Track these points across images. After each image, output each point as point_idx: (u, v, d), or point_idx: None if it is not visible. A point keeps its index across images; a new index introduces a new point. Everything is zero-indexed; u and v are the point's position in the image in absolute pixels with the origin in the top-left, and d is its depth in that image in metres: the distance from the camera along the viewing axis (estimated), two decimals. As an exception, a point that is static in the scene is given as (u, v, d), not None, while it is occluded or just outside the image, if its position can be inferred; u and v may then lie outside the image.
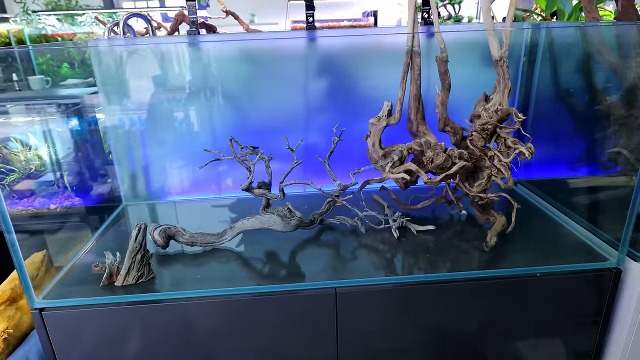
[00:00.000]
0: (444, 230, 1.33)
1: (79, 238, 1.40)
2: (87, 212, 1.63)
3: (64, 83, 3.29)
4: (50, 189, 1.99)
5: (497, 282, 1.10)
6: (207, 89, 1.51)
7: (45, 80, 3.14)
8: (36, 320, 1.03)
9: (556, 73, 1.50)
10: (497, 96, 1.31)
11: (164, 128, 1.53)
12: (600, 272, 1.12)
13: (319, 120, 1.58)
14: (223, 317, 1.07)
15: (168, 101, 1.51)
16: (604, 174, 1.43)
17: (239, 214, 1.46)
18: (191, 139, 1.55)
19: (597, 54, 1.37)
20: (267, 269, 1.16)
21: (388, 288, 1.08)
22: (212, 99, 1.51)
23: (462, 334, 1.15)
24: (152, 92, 1.49)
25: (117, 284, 1.08)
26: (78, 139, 1.71)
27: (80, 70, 3.41)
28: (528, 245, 1.23)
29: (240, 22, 1.88)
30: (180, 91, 1.51)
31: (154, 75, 1.48)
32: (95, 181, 1.64)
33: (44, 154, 2.03)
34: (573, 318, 1.16)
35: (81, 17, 4.28)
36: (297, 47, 1.51)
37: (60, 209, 1.83)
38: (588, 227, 1.30)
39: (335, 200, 1.30)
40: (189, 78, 1.49)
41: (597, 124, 1.42)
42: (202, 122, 1.55)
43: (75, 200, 1.76)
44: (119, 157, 1.54)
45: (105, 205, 1.56)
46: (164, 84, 1.49)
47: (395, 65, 1.35)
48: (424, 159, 1.33)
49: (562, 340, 1.19)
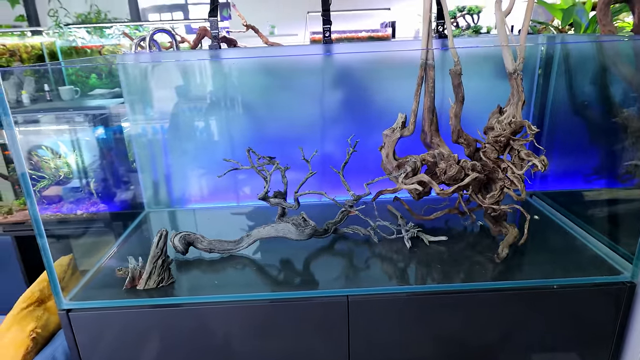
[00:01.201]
0: (457, 241, 1.34)
1: (103, 243, 1.47)
2: (112, 218, 1.70)
3: (92, 93, 3.43)
4: (77, 195, 2.08)
5: (507, 294, 1.10)
6: (227, 100, 1.56)
7: (74, 91, 3.28)
8: (63, 320, 1.09)
9: (572, 85, 1.50)
10: (510, 108, 1.32)
11: (186, 137, 1.59)
12: (614, 286, 1.11)
13: (334, 131, 1.61)
14: (238, 323, 1.11)
15: (190, 111, 1.57)
16: (620, 186, 1.42)
17: (256, 222, 1.50)
18: (211, 148, 1.60)
19: (612, 66, 1.37)
20: (281, 276, 1.20)
21: (400, 297, 1.10)
22: (231, 110, 1.57)
23: (474, 346, 1.16)
24: (175, 103, 1.56)
25: (139, 288, 1.14)
26: (104, 147, 1.79)
27: (107, 80, 3.55)
28: (541, 258, 1.23)
29: (260, 35, 1.94)
30: (201, 102, 1.57)
31: (176, 86, 1.55)
32: (119, 188, 1.71)
33: (72, 162, 2.13)
34: (587, 331, 1.15)
35: (109, 29, 4.45)
36: (314, 60, 1.55)
37: (86, 214, 1.92)
38: (603, 240, 1.29)
39: (349, 210, 1.33)
40: (209, 89, 1.55)
41: (613, 136, 1.42)
42: (222, 132, 1.61)
43: (100, 207, 1.84)
44: (142, 165, 1.61)
45: (128, 212, 1.63)
46: (186, 95, 1.56)
47: (409, 78, 1.38)
48: (438, 170, 1.35)
49: (577, 353, 1.18)
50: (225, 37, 1.65)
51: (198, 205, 1.67)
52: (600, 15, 1.29)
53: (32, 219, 1.02)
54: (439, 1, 1.51)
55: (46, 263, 1.08)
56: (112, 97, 2.41)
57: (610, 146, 1.44)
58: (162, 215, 1.64)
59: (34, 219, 1.03)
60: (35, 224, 1.03)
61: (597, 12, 1.29)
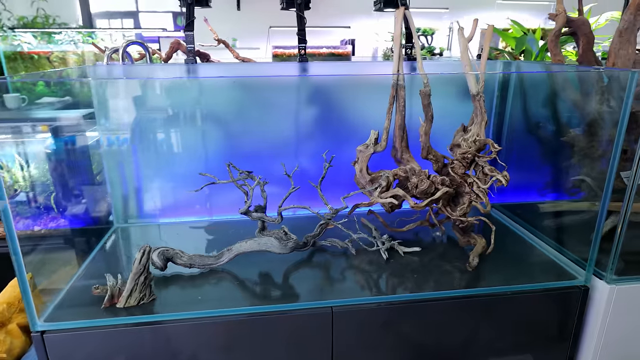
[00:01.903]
0: (428, 251, 1.42)
1: (71, 260, 1.41)
2: (79, 234, 1.63)
3: (40, 101, 3.25)
4: (31, 210, 1.97)
5: (481, 300, 1.19)
6: (199, 114, 1.57)
7: (21, 99, 3.10)
8: (37, 343, 1.04)
9: (526, 107, 1.64)
10: (475, 128, 1.43)
11: (156, 151, 1.57)
12: (570, 290, 1.23)
13: (306, 146, 1.66)
14: (225, 337, 1.11)
15: (160, 125, 1.55)
16: (569, 199, 1.57)
17: (230, 236, 1.50)
18: (183, 162, 1.59)
19: (561, 91, 1.53)
20: (265, 290, 1.21)
21: (382, 306, 1.15)
22: (203, 124, 1.57)
23: (449, 349, 1.23)
24: (145, 116, 1.54)
25: (119, 306, 1.11)
26: (65, 160, 1.72)
27: (56, 88, 3.38)
28: (504, 266, 1.33)
29: (230, 50, 1.96)
30: (173, 115, 1.56)
31: (147, 99, 1.53)
32: (85, 202, 1.65)
33: (27, 175, 2.02)
34: (547, 332, 1.26)
35: (58, 35, 4.25)
36: (289, 77, 1.59)
37: (45, 231, 1.82)
38: (556, 248, 1.42)
39: (328, 223, 1.38)
40: (181, 103, 1.55)
41: (562, 153, 1.57)
42: (193, 146, 1.60)
43: (61, 222, 1.76)
44: (112, 179, 1.57)
45: (96, 227, 1.57)
46: (157, 108, 1.54)
47: (377, 95, 1.45)
48: (409, 185, 1.42)
49: (538, 353, 1.29)
50: (199, 51, 1.65)
51: (169, 220, 1.65)
52: (551, 47, 1.44)
53: (7, 236, 0.98)
54: (407, 26, 1.61)
55: (20, 282, 1.03)
56: (62, 106, 2.31)
57: (560, 162, 1.59)
58: (132, 230, 1.60)
59: (9, 236, 0.98)
60: (10, 240, 0.98)
61: (548, 43, 1.44)
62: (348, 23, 4.29)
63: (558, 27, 1.41)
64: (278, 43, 3.97)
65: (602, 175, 1.45)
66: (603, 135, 1.42)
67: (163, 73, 1.59)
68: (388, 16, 4.71)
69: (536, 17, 4.41)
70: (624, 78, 1.14)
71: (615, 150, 1.16)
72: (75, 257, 1.37)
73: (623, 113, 1.12)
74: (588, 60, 1.48)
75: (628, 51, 1.45)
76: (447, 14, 4.61)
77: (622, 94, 1.22)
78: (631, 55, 1.46)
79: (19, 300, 1.46)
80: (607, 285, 1.22)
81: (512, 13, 4.65)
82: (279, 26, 3.85)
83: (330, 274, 1.29)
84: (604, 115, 1.40)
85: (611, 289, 1.22)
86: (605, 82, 1.37)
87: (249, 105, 1.58)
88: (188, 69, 1.51)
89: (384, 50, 3.83)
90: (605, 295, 1.22)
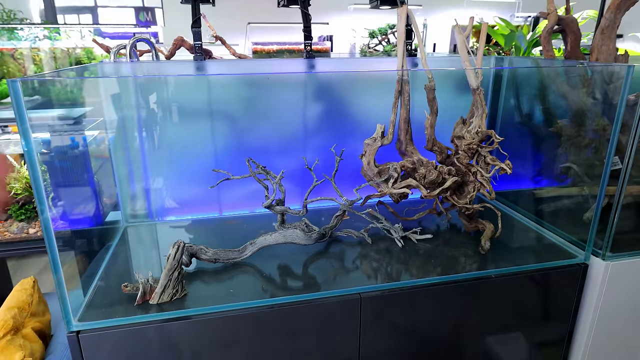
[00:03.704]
0: (438, 238, 1.49)
1: (84, 261, 1.38)
2: (89, 235, 1.60)
3: (4, 101, 3.09)
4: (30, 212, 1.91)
5: (496, 280, 1.28)
6: (206, 111, 1.57)
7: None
8: (72, 344, 1.03)
9: (518, 99, 1.75)
10: (476, 120, 1.51)
11: (164, 148, 1.56)
12: (572, 267, 1.34)
13: (313, 141, 1.69)
14: (260, 327, 1.14)
15: (168, 122, 1.54)
16: (560, 185, 1.69)
17: (245, 231, 1.53)
18: (192, 159, 1.59)
19: (551, 84, 1.64)
20: (291, 280, 1.25)
21: (404, 291, 1.22)
22: (211, 121, 1.58)
23: (469, 326, 1.31)
24: (154, 114, 1.53)
25: (152, 302, 1.11)
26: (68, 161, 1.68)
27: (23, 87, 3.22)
28: (511, 249, 1.43)
29: (227, 47, 1.96)
30: (181, 112, 1.55)
31: (156, 97, 1.52)
32: (91, 203, 1.61)
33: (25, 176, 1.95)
34: (553, 307, 1.37)
35: (21, 31, 4.04)
36: (296, 75, 1.62)
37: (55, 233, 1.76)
38: (553, 230, 1.53)
39: (344, 214, 1.42)
40: (189, 99, 1.55)
41: (551, 142, 1.69)
42: (200, 143, 1.60)
43: (59, 224, 1.71)
44: (120, 178, 1.55)
45: (105, 227, 1.54)
46: (166, 105, 1.53)
47: (379, 91, 1.51)
48: (417, 176, 1.49)
49: (545, 327, 1.40)
50: (203, 48, 1.65)
51: (177, 218, 1.64)
52: (544, 43, 1.54)
53: (44, 232, 0.97)
54: (409, 23, 1.67)
55: (56, 282, 1.01)
56: (32, 105, 2.23)
57: (549, 151, 1.71)
58: (142, 229, 1.58)
59: (46, 232, 0.97)
60: (47, 241, 0.97)
61: (541, 40, 1.54)
62: (325, 19, 4.34)
63: (551, 24, 1.52)
64: (256, 39, 3.95)
65: (589, 162, 1.58)
66: (590, 125, 1.54)
67: (171, 70, 1.58)
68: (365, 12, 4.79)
69: (502, 15, 4.61)
70: (617, 73, 1.25)
71: (613, 138, 1.26)
72: (90, 258, 1.35)
73: (620, 104, 1.23)
74: (576, 56, 1.59)
75: (609, 47, 1.58)
76: (421, 11, 4.76)
77: (614, 87, 1.34)
78: (612, 51, 1.59)
79: (28, 304, 1.42)
80: (603, 262, 1.34)
81: (480, 10, 4.85)
82: (257, 22, 3.84)
83: (352, 262, 1.34)
84: (591, 106, 1.52)
85: (606, 265, 1.33)
86: (590, 75, 1.49)
87: (256, 102, 1.60)
88: (196, 65, 1.51)
89: (361, 47, 3.90)
90: (601, 271, 1.34)
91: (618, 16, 1.55)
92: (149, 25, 6.54)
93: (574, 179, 1.65)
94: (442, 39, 4.57)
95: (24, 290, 1.48)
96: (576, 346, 1.45)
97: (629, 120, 1.33)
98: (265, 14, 3.94)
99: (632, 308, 1.43)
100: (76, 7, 6.48)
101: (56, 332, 1.50)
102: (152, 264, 1.37)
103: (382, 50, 3.91)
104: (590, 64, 1.52)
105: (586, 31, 1.95)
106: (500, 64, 1.77)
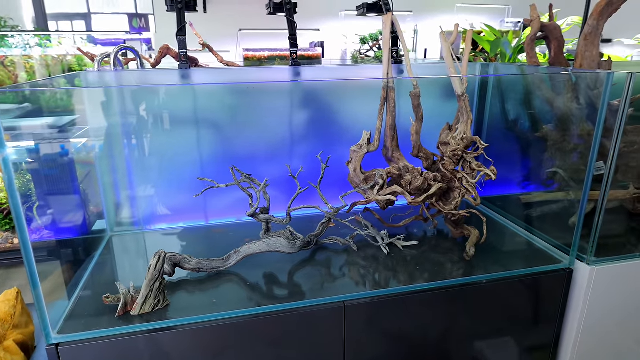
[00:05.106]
0: (423, 244, 1.49)
1: (68, 271, 1.37)
2: (72, 245, 1.58)
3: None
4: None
5: (481, 286, 1.27)
6: (192, 119, 1.56)
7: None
8: (52, 357, 1.02)
9: (504, 105, 1.76)
10: (461, 126, 1.52)
11: (149, 157, 1.55)
12: (557, 272, 1.34)
13: (299, 148, 1.69)
14: (243, 337, 1.13)
15: (153, 131, 1.54)
16: (545, 190, 1.70)
17: (230, 239, 1.52)
18: (176, 167, 1.58)
19: (536, 90, 1.65)
20: (276, 289, 1.24)
21: (389, 298, 1.21)
22: (197, 129, 1.57)
23: (455, 332, 1.31)
24: (138, 122, 1.52)
25: (134, 313, 1.10)
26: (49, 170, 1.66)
27: (12, 95, 3.21)
28: (496, 254, 1.43)
29: (214, 54, 1.96)
30: (166, 121, 1.55)
31: (140, 105, 1.51)
32: (74, 212, 1.60)
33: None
34: (539, 312, 1.37)
35: (12, 38, 4.03)
36: (283, 83, 1.63)
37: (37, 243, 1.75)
38: (537, 235, 1.54)
39: (329, 221, 1.42)
40: (174, 108, 1.54)
41: (537, 148, 1.69)
42: (186, 151, 1.60)
43: (48, 234, 1.70)
44: (105, 186, 1.54)
45: (89, 237, 1.53)
46: (150, 114, 1.53)
47: (365, 98, 1.51)
48: (403, 182, 1.49)
49: (531, 332, 1.39)
50: (188, 55, 1.65)
51: (163, 226, 1.63)
52: (527, 49, 1.56)
53: (21, 246, 0.96)
54: (394, 30, 1.68)
55: (35, 295, 1.00)
56: (21, 113, 2.22)
57: (535, 156, 1.71)
58: (127, 238, 1.57)
59: (24, 246, 0.96)
60: (24, 250, 0.96)
61: (525, 46, 1.55)
62: (316, 25, 4.35)
63: (534, 31, 1.53)
64: (248, 46, 3.96)
65: (574, 167, 1.59)
66: (575, 130, 1.55)
67: (156, 78, 1.58)
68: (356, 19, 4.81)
69: (492, 20, 4.64)
70: (600, 78, 1.26)
71: (595, 143, 1.27)
72: (74, 268, 1.33)
73: (601, 110, 1.23)
74: (560, 62, 1.61)
75: (592, 53, 1.59)
76: (411, 17, 4.79)
77: (597, 92, 1.35)
78: (595, 57, 1.60)
79: (11, 315, 1.40)
80: (588, 266, 1.34)
81: (470, 16, 4.90)
82: (248, 29, 3.85)
83: (338, 270, 1.33)
84: (576, 112, 1.53)
85: (591, 270, 1.34)
86: (574, 81, 1.50)
87: (242, 110, 1.60)
88: (181, 74, 1.51)
89: (353, 53, 3.92)
90: (586, 276, 1.34)
91: (601, 23, 1.57)
92: (142, 32, 6.53)
93: (560, 184, 1.66)
94: (433, 45, 4.61)
95: (7, 301, 1.47)
96: (563, 351, 1.45)
97: (613, 125, 1.34)
98: (257, 21, 3.94)
99: (618, 312, 1.44)
100: (69, 14, 6.47)
101: (39, 344, 1.48)
102: (137, 274, 1.36)
103: (374, 55, 3.93)
104: (573, 70, 1.53)
105: (571, 37, 1.97)
106: (486, 71, 1.78)
